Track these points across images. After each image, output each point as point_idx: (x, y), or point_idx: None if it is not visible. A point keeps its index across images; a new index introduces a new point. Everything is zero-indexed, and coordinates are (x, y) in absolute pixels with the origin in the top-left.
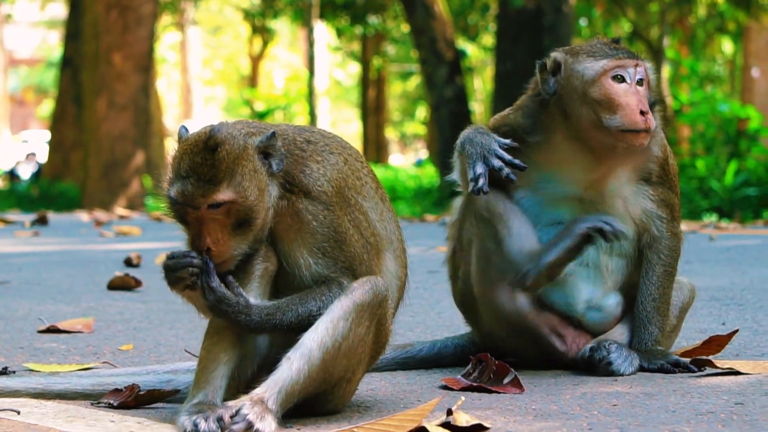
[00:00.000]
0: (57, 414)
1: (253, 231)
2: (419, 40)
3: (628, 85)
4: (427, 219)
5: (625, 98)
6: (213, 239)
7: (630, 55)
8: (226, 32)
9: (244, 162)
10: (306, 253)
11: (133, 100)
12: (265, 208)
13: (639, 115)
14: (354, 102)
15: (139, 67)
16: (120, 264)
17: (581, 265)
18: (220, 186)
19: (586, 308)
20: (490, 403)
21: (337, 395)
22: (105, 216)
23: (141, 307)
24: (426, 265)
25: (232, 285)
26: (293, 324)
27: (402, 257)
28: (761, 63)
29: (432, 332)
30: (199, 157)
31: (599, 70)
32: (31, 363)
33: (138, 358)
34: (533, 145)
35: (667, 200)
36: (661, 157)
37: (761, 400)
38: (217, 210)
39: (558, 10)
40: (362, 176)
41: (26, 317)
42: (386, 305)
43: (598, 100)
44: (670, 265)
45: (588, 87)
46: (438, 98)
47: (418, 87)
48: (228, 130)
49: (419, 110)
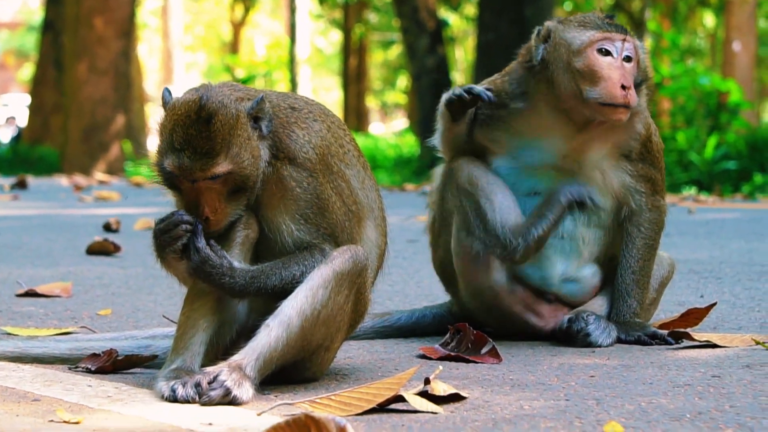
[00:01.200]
0: (34, 378)
1: (247, 196)
2: (401, 9)
3: (613, 59)
4: (407, 188)
5: (607, 71)
6: (211, 208)
7: (620, 30)
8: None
9: (239, 131)
10: (288, 220)
11: (114, 65)
12: (258, 173)
13: (619, 89)
14: (335, 70)
15: (120, 32)
16: (99, 229)
17: (555, 237)
18: (218, 158)
19: (561, 281)
20: (467, 373)
21: (316, 363)
22: (84, 181)
23: (120, 273)
24: (405, 234)
25: (216, 248)
26: (276, 288)
27: (382, 226)
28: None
29: (411, 301)
30: (194, 128)
31: (585, 40)
32: (8, 327)
33: (116, 324)
34: (515, 111)
35: (648, 175)
36: (644, 134)
37: (738, 373)
38: (215, 181)
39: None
40: (345, 144)
41: (5, 281)
42: (366, 274)
43: (581, 71)
44: (650, 239)
45: (573, 56)
46: (419, 68)
47: (400, 56)
48: (218, 97)
49: (400, 79)
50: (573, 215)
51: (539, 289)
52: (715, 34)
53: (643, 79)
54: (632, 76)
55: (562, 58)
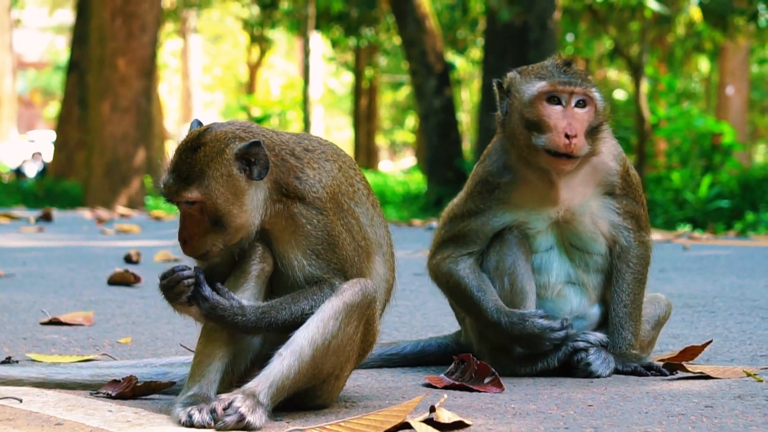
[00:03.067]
0: (57, 403)
1: (228, 230)
2: (410, 53)
3: (561, 108)
4: (414, 223)
5: (553, 120)
6: (188, 233)
7: (572, 77)
8: (225, 40)
9: (217, 166)
10: (300, 255)
11: (136, 103)
12: (243, 211)
13: (562, 138)
14: (347, 110)
15: (142, 72)
16: (120, 260)
17: (569, 283)
18: (191, 186)
19: (573, 318)
20: (471, 401)
21: (326, 391)
22: (106, 214)
23: (139, 302)
24: (412, 267)
25: (223, 291)
26: (287, 322)
27: (390, 261)
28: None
29: (417, 332)
30: (183, 155)
31: (534, 92)
32: (33, 353)
33: (136, 351)
34: (506, 184)
35: (633, 211)
36: (621, 170)
37: (730, 404)
38: (192, 207)
39: (543, 26)
40: (355, 183)
41: (30, 309)
42: (375, 306)
43: (531, 120)
44: (639, 273)
45: (524, 107)
46: (427, 108)
47: (408, 97)
48: (217, 132)
49: (408, 119)
50: (575, 264)
51: None
52: (710, 78)
53: (602, 122)
54: (584, 123)
55: (517, 109)
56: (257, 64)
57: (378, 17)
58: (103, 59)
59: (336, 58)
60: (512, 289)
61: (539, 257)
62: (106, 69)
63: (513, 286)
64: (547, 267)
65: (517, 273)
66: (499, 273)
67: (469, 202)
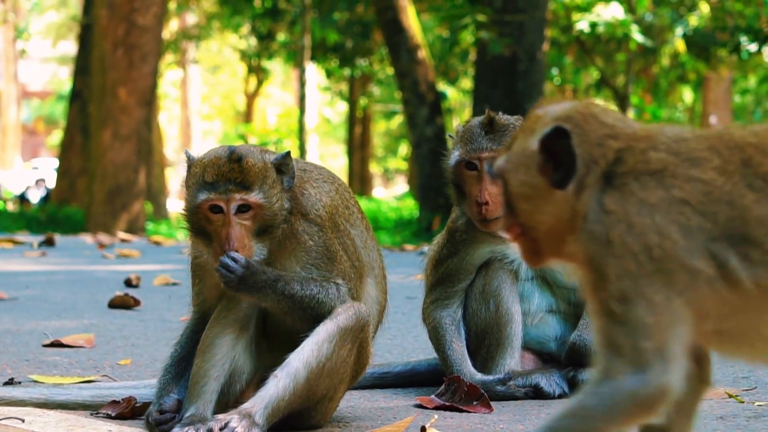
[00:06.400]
0: (59, 423)
1: (271, 239)
2: (403, 83)
3: (477, 173)
4: (406, 248)
5: (469, 187)
6: (240, 244)
7: (489, 142)
8: (224, 71)
9: (268, 173)
10: (300, 269)
11: (136, 132)
12: (281, 219)
13: (475, 206)
14: (341, 138)
15: (142, 101)
16: (120, 284)
17: (550, 312)
18: (251, 189)
19: (558, 344)
20: (461, 422)
21: (320, 411)
22: (107, 239)
23: (139, 325)
24: (404, 291)
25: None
26: (296, 296)
27: (382, 283)
28: (719, 111)
29: (408, 354)
30: (226, 167)
31: (453, 162)
32: (36, 375)
33: (135, 373)
34: (473, 230)
35: None
36: None
37: (712, 424)
38: (245, 214)
39: (532, 58)
40: (350, 206)
41: (32, 332)
42: (368, 330)
43: (455, 185)
44: None
45: (449, 174)
46: (419, 136)
47: (401, 125)
48: (244, 148)
49: (401, 147)
50: (554, 294)
51: (538, 351)
52: (694, 108)
53: None
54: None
55: (447, 173)
56: (254, 93)
57: (372, 48)
58: (104, 89)
59: (331, 87)
60: (497, 311)
61: (522, 285)
62: (108, 98)
63: (498, 309)
64: (530, 295)
65: (502, 295)
66: (484, 296)
67: (444, 248)
